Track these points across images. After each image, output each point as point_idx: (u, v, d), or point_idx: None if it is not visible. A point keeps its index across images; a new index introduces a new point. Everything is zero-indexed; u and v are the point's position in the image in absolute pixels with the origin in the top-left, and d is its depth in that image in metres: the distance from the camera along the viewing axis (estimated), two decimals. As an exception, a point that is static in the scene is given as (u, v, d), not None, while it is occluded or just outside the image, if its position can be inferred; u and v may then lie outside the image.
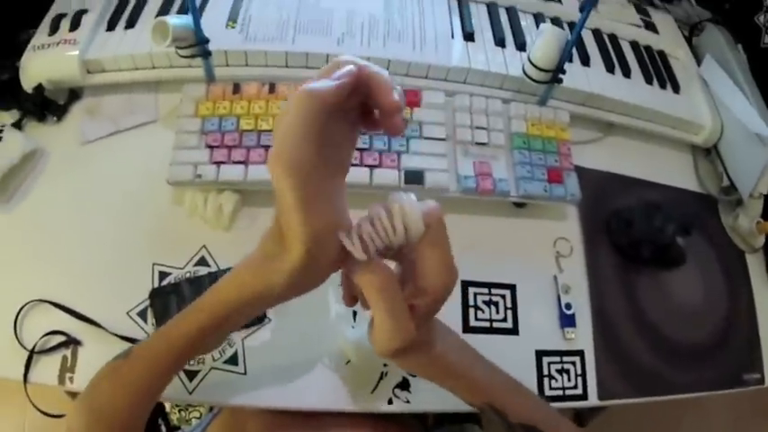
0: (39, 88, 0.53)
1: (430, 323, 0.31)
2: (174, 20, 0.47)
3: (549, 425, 0.34)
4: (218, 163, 0.46)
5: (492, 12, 0.56)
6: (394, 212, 0.26)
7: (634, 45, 0.60)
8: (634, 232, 0.51)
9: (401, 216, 0.26)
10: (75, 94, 0.55)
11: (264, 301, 0.29)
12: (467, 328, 0.46)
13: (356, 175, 0.45)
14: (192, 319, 0.31)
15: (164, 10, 0.54)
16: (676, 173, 0.58)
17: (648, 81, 0.57)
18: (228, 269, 0.46)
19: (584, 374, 0.47)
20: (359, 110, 0.27)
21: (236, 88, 0.48)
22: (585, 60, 0.55)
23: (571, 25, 0.57)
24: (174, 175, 0.46)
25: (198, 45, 0.47)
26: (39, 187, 0.50)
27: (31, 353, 0.42)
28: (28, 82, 0.52)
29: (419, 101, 0.48)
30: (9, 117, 0.53)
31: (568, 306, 0.48)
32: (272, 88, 0.48)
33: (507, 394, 0.34)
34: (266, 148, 0.46)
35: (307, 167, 0.23)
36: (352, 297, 0.33)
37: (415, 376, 0.44)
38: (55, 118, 0.54)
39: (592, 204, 0.51)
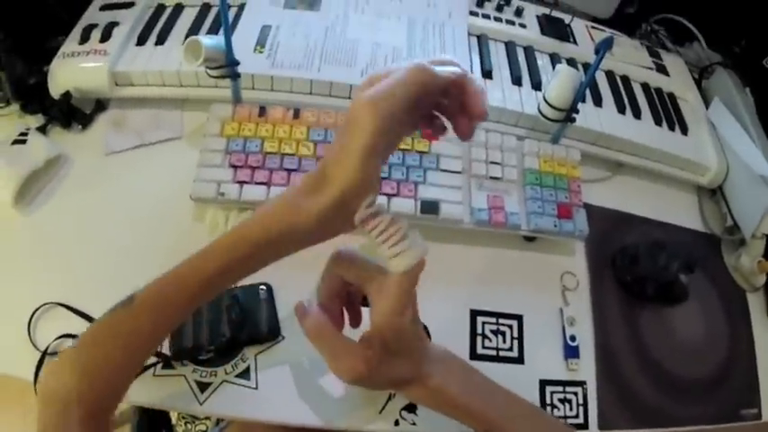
0: (66, 95, 0.55)
1: (416, 358, 0.33)
2: (207, 40, 0.50)
3: None
4: (242, 182, 0.48)
5: (510, 50, 0.59)
6: (404, 240, 0.29)
7: (645, 87, 0.63)
8: (639, 269, 0.54)
9: (407, 246, 0.29)
10: (101, 105, 0.57)
11: (286, 243, 0.29)
12: (474, 356, 0.48)
13: (374, 202, 0.47)
14: (211, 258, 0.29)
15: (193, 29, 0.57)
16: (681, 212, 0.61)
17: (658, 122, 0.60)
18: (247, 286, 0.48)
19: (585, 404, 0.49)
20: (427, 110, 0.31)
21: (262, 111, 0.51)
22: (598, 101, 0.58)
23: (585, 66, 0.61)
24: (197, 191, 0.48)
25: (228, 66, 0.50)
26: (60, 193, 0.52)
27: (44, 354, 0.44)
28: (56, 88, 0.54)
29: (438, 134, 0.50)
30: (34, 121, 0.56)
31: (573, 338, 0.50)
32: (296, 114, 0.50)
33: (510, 422, 0.35)
34: (288, 171, 0.48)
35: (391, 123, 0.26)
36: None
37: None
38: (80, 126, 0.56)
39: (599, 241, 0.54)
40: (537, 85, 0.56)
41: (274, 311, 0.47)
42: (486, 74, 0.56)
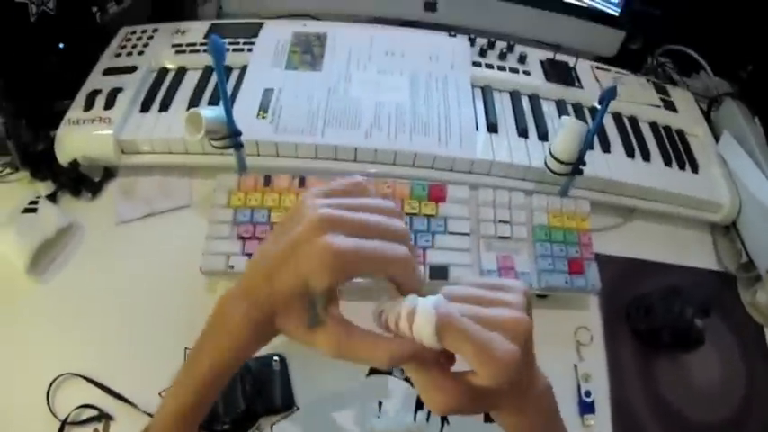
0: (74, 163, 0.55)
1: (514, 395, 0.29)
2: (207, 112, 0.49)
3: None
4: (250, 255, 0.47)
5: (515, 100, 0.57)
6: (411, 326, 0.25)
7: (653, 126, 0.61)
8: (653, 318, 0.52)
9: (415, 329, 0.25)
10: (109, 173, 0.57)
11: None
12: (487, 417, 0.47)
13: (384, 270, 0.46)
14: (182, 393, 0.30)
15: (197, 94, 0.56)
16: (695, 252, 0.58)
17: (668, 163, 0.58)
18: (259, 357, 0.48)
19: (603, 462, 0.48)
20: None
21: (268, 180, 0.50)
22: (606, 147, 0.56)
23: (592, 111, 0.59)
24: (206, 264, 0.47)
25: (230, 137, 0.49)
26: (73, 262, 0.52)
27: (63, 423, 0.44)
28: (63, 156, 0.54)
29: (445, 196, 0.49)
30: (44, 188, 0.55)
31: (588, 393, 0.49)
32: (302, 182, 0.49)
33: None
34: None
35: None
36: None
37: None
38: (90, 194, 0.56)
39: (612, 292, 0.52)
40: (543, 136, 0.54)
41: (288, 382, 0.47)
42: (492, 127, 0.54)
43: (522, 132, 0.54)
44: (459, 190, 0.49)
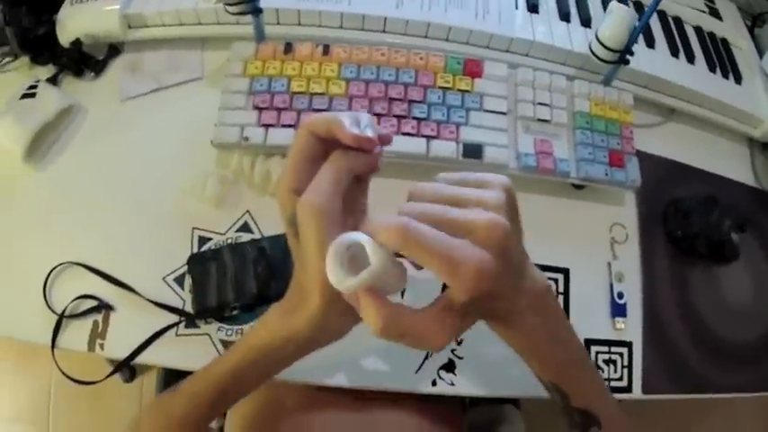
0: (76, 43, 0.49)
1: (512, 295, 0.24)
2: (225, -27, 0.43)
3: (608, 414, 0.30)
4: (267, 126, 0.42)
5: (557, -16, 0.51)
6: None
7: (698, 30, 0.55)
8: (690, 225, 0.47)
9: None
10: (115, 50, 0.51)
11: (292, 348, 0.28)
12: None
13: (413, 145, 0.40)
14: (226, 359, 0.31)
15: (211, -36, 0.49)
16: (732, 164, 0.53)
17: (712, 69, 0.52)
18: (273, 236, 0.42)
19: (630, 366, 0.43)
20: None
21: (288, 48, 0.44)
22: (650, 42, 0.50)
23: (636, 5, 0.52)
24: (219, 136, 0.42)
25: (248, 2, 0.43)
26: (75, 145, 0.46)
27: (61, 317, 0.39)
28: (66, 36, 0.48)
29: (481, 72, 0.43)
30: (45, 72, 0.50)
31: (620, 295, 0.44)
32: (326, 50, 0.43)
33: (576, 377, 0.30)
34: (318, 112, 0.42)
35: (330, 215, 0.23)
36: None
37: (461, 358, 0.40)
38: (93, 74, 0.50)
39: (650, 191, 0.47)
40: (586, 22, 0.48)
41: (304, 263, 0.41)
42: (532, 8, 0.48)
43: (564, 17, 0.48)
44: (496, 67, 0.43)
